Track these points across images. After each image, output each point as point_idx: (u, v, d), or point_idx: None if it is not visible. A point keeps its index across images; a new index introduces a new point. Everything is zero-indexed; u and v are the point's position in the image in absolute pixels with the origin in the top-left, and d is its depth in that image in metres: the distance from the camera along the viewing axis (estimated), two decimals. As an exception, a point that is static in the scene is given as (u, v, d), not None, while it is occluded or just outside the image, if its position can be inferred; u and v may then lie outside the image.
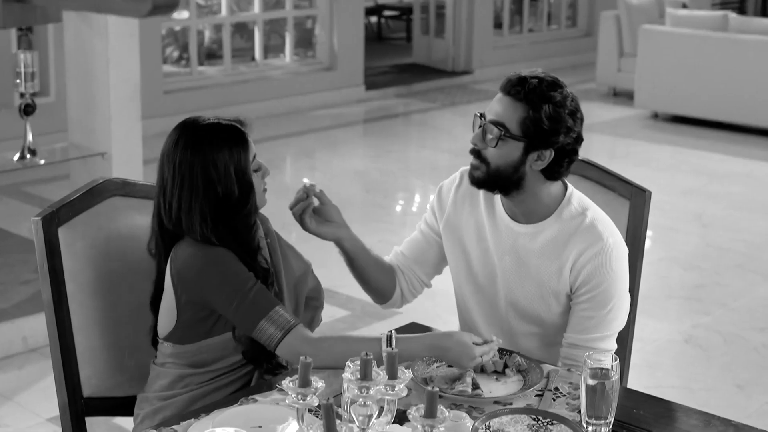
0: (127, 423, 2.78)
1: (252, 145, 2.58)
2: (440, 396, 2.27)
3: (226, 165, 2.51)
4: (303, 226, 2.77)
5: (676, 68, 9.72)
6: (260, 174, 2.60)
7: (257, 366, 2.59)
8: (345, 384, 1.93)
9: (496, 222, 2.77)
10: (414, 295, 2.99)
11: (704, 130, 9.57)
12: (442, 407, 1.88)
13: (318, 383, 1.90)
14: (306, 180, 2.78)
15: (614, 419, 2.22)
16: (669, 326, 5.21)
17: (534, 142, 2.61)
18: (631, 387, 2.75)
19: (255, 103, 9.70)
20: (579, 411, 2.27)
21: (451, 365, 2.52)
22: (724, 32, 9.56)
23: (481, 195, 2.81)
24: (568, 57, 12.87)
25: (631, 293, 2.97)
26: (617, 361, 2.21)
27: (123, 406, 2.83)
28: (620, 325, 2.75)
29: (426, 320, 3.13)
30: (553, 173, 2.67)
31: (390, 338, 2.41)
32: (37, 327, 4.62)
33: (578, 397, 2.34)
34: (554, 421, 2.23)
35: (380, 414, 1.95)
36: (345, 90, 10.63)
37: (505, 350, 2.63)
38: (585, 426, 2.21)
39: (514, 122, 2.61)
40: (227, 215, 2.52)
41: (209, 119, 2.57)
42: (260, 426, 2.23)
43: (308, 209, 2.75)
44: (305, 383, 1.88)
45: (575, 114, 2.63)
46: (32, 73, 4.66)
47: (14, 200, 6.99)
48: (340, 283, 4.63)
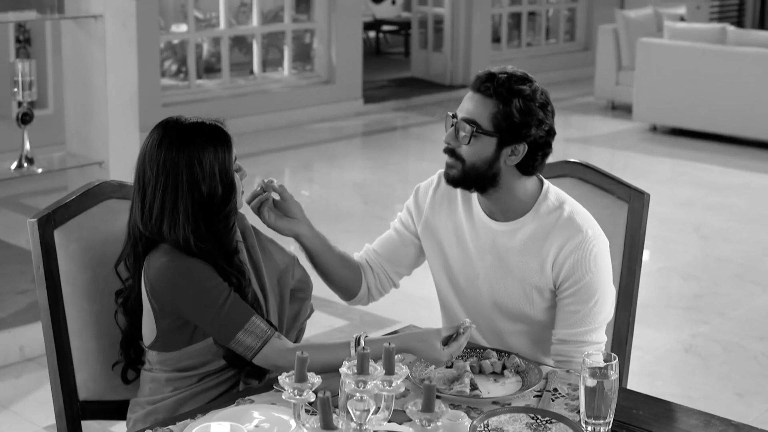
0: (123, 428, 2.76)
1: (232, 145, 2.55)
2: (438, 397, 2.25)
3: (211, 164, 2.47)
4: (262, 220, 2.76)
5: (675, 81, 9.73)
6: (240, 175, 2.57)
7: (240, 369, 2.57)
8: (342, 378, 1.92)
9: (475, 222, 2.77)
10: (381, 294, 2.97)
11: (703, 143, 9.57)
12: (441, 402, 1.86)
13: (314, 378, 1.89)
14: (273, 179, 2.76)
15: (614, 419, 2.21)
16: (668, 335, 5.19)
17: (506, 137, 2.62)
18: (631, 390, 2.74)
19: (253, 117, 9.70)
20: (578, 411, 2.25)
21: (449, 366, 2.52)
22: (723, 45, 9.56)
23: (459, 196, 2.81)
24: (567, 71, 12.89)
25: (629, 298, 2.97)
26: (616, 360, 2.19)
27: (119, 411, 2.80)
28: (607, 317, 2.74)
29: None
30: (528, 168, 2.67)
31: (358, 341, 2.41)
32: (34, 336, 4.61)
33: (577, 398, 2.32)
34: (553, 420, 2.22)
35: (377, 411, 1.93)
36: (343, 103, 10.63)
37: (504, 351, 2.62)
38: (584, 426, 2.20)
39: (485, 118, 2.61)
40: (209, 215, 2.49)
41: (191, 119, 2.54)
42: (257, 426, 2.22)
43: (266, 203, 2.73)
44: (301, 378, 1.86)
45: (546, 107, 2.64)
46: (30, 82, 4.64)
47: (12, 212, 6.98)
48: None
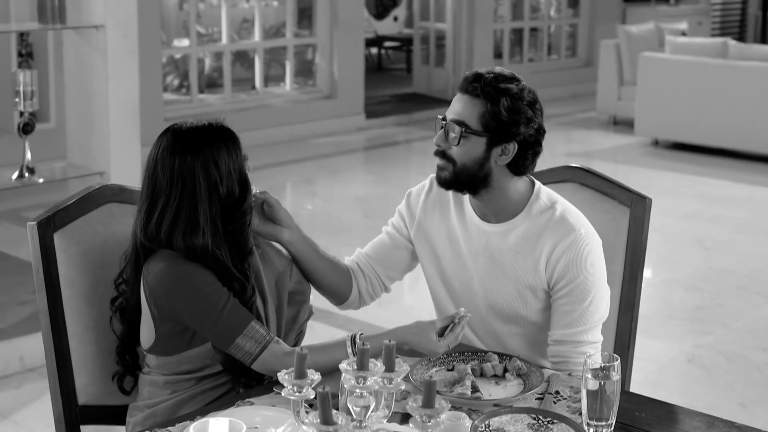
0: (123, 433, 2.76)
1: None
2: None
3: (227, 164, 2.47)
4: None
5: (677, 95, 9.73)
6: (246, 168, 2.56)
7: (236, 377, 2.54)
8: (342, 375, 1.91)
9: (467, 225, 2.77)
10: (372, 298, 2.95)
11: (705, 157, 9.56)
12: (441, 398, 1.85)
13: (314, 375, 1.87)
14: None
15: (616, 421, 2.19)
16: (671, 346, 5.17)
17: (496, 136, 2.62)
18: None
19: (255, 131, 9.70)
20: (580, 413, 2.23)
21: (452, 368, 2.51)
22: (724, 59, 9.56)
23: (451, 200, 2.81)
24: (568, 87, 12.89)
25: (631, 303, 2.95)
26: (618, 361, 2.18)
27: (118, 415, 2.79)
28: (603, 317, 2.73)
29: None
30: (519, 167, 2.68)
31: (354, 340, 2.40)
32: (35, 347, 4.59)
33: (579, 401, 2.31)
34: (555, 420, 2.20)
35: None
36: (345, 118, 10.64)
37: (505, 355, 2.60)
38: (586, 428, 2.18)
39: (474, 118, 2.62)
40: (227, 216, 2.49)
41: (196, 122, 2.53)
42: (257, 427, 2.20)
43: (253, 207, 2.68)
44: (301, 375, 1.84)
45: (534, 105, 2.65)
46: (31, 92, 4.64)
47: (13, 225, 6.97)
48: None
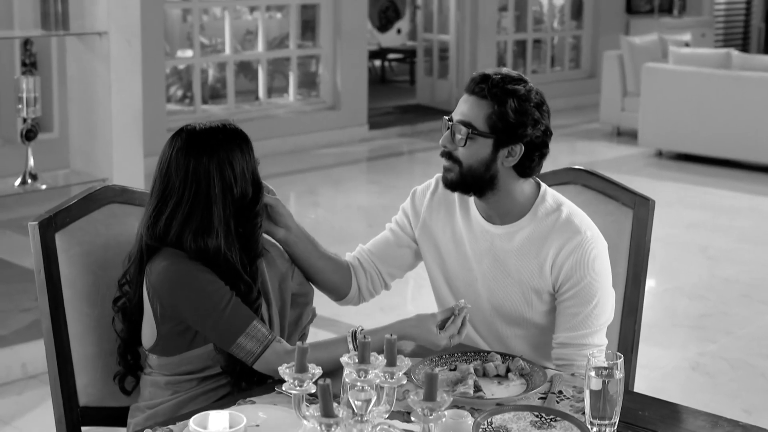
0: (124, 435, 2.75)
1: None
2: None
3: (241, 165, 2.48)
4: None
5: (680, 106, 9.72)
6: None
7: (235, 383, 2.53)
8: (344, 371, 1.90)
9: (472, 226, 2.76)
10: (372, 295, 2.93)
11: (709, 168, 9.54)
12: (443, 392, 1.83)
13: (315, 369, 1.86)
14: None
15: (619, 420, 2.18)
16: (675, 353, 5.16)
17: (502, 138, 2.61)
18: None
19: (258, 142, 9.51)
20: (583, 412, 2.22)
21: (455, 368, 2.50)
22: (728, 70, 9.56)
23: (456, 200, 2.80)
24: (572, 98, 12.88)
25: (635, 305, 2.94)
26: (621, 359, 2.17)
27: (119, 417, 2.77)
28: (608, 320, 2.71)
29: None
30: (525, 169, 2.66)
31: (355, 335, 2.40)
32: (36, 354, 4.58)
33: (582, 400, 2.29)
34: (558, 418, 2.19)
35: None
36: (348, 129, 10.64)
37: (508, 355, 2.59)
38: (589, 427, 2.17)
39: (481, 119, 2.61)
40: (240, 217, 2.49)
41: (208, 124, 2.53)
42: (258, 425, 2.19)
43: None
44: (302, 369, 1.83)
45: (541, 106, 2.64)
46: (34, 98, 4.64)
47: (16, 234, 6.97)
48: (343, 311, 4.59)
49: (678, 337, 5.41)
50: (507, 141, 2.61)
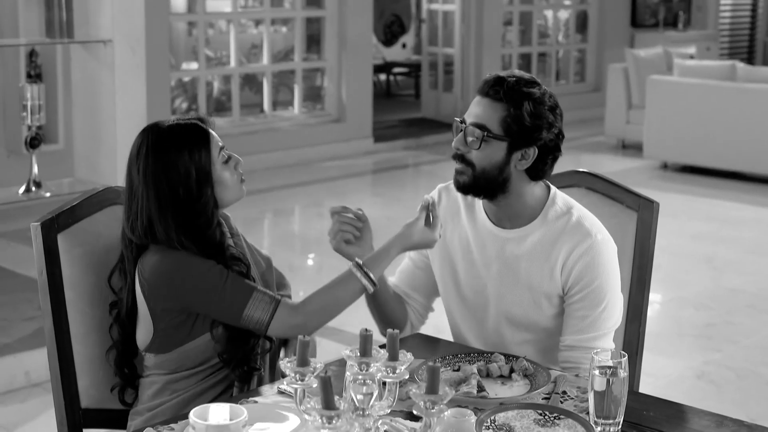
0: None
1: (215, 139, 2.57)
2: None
3: (187, 167, 2.50)
4: (334, 243, 2.70)
5: (685, 118, 9.71)
6: (231, 164, 2.59)
7: (232, 369, 2.54)
8: (347, 370, 1.89)
9: (480, 231, 2.75)
10: (422, 322, 2.95)
11: (714, 180, 9.53)
12: (445, 385, 1.82)
13: (317, 363, 1.85)
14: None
15: (624, 420, 2.16)
16: (680, 362, 5.14)
17: (517, 141, 2.60)
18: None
19: (263, 154, 9.70)
20: (587, 412, 2.20)
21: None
22: (733, 82, 9.55)
23: (462, 208, 2.79)
24: (577, 112, 12.86)
25: (639, 308, 2.93)
26: (626, 358, 2.15)
27: (121, 419, 2.76)
28: (616, 324, 2.70)
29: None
30: (538, 172, 2.65)
31: (361, 266, 2.49)
32: (40, 362, 4.57)
33: (586, 400, 2.28)
34: (561, 416, 2.17)
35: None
36: (353, 142, 10.64)
37: (512, 355, 2.58)
38: (594, 426, 2.15)
39: (495, 122, 2.59)
40: (190, 213, 2.51)
41: (169, 121, 2.57)
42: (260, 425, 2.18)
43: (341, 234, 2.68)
44: (303, 363, 1.82)
45: (555, 110, 2.63)
46: (39, 106, 4.64)
47: (21, 245, 6.97)
48: (346, 321, 4.58)
49: (683, 346, 5.39)
50: (521, 144, 2.60)
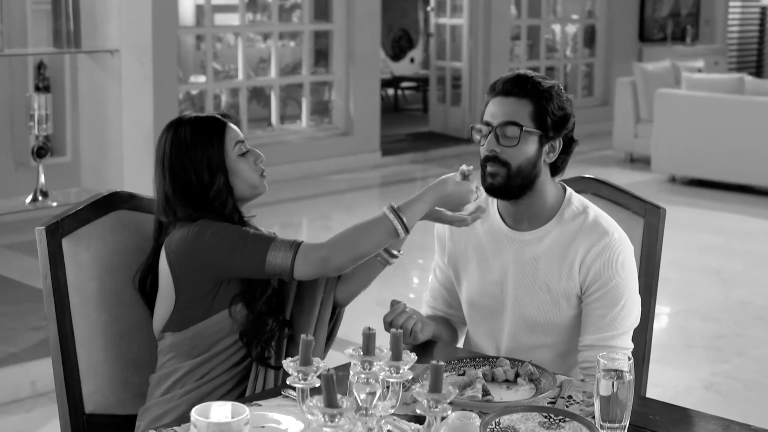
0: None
1: (233, 132, 2.66)
2: (450, 403, 2.20)
3: (200, 155, 2.60)
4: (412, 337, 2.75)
5: (693, 131, 9.69)
6: (250, 158, 2.66)
7: (250, 348, 2.57)
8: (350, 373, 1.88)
9: (495, 236, 2.76)
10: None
11: (722, 193, 9.51)
12: (448, 383, 1.81)
13: (320, 363, 1.84)
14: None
15: (630, 424, 2.15)
16: (688, 374, 5.11)
17: (548, 133, 2.66)
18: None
19: (271, 167, 9.59)
20: (593, 417, 2.19)
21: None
22: (741, 95, 9.54)
23: None
24: (585, 126, 12.83)
25: (646, 314, 2.91)
26: (632, 361, 2.14)
27: (126, 425, 2.75)
28: (634, 322, 2.70)
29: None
30: (558, 167, 2.72)
31: (395, 209, 2.49)
32: (46, 371, 4.54)
33: (592, 405, 2.26)
34: (566, 418, 2.16)
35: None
36: (361, 155, 10.64)
37: (517, 360, 2.56)
38: (599, 429, 2.13)
39: (526, 117, 2.64)
40: (204, 201, 2.61)
41: (190, 115, 2.69)
42: (263, 426, 2.17)
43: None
44: (306, 362, 1.81)
45: (570, 101, 2.71)
46: (46, 116, 4.64)
47: (28, 256, 6.98)
48: (351, 329, 4.57)
49: (692, 358, 5.37)
50: (551, 136, 2.66)
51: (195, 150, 2.60)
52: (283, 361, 1.85)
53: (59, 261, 2.68)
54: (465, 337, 2.96)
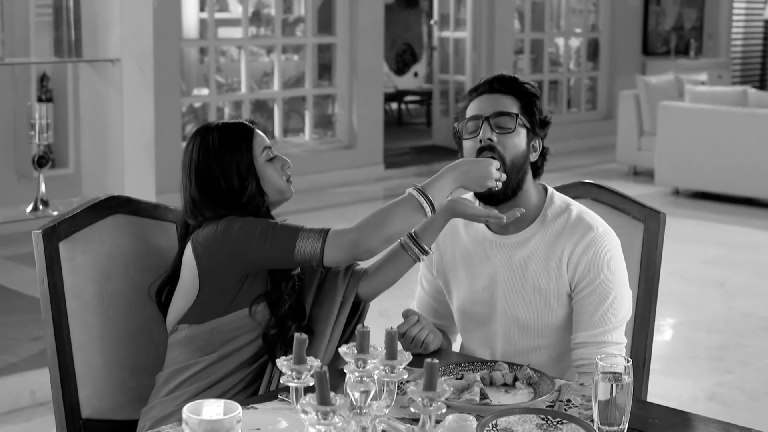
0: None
1: (260, 138, 2.68)
2: (448, 406, 2.19)
3: (228, 161, 2.62)
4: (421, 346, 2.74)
5: (697, 144, 9.67)
6: (277, 164, 2.67)
7: (273, 349, 2.56)
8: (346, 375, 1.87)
9: (481, 243, 2.76)
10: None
11: (725, 205, 9.48)
12: (444, 382, 1.80)
13: (314, 362, 1.82)
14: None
15: (629, 427, 2.13)
16: (692, 384, 5.09)
17: (535, 129, 2.69)
18: None
19: (274, 180, 9.69)
20: (591, 420, 2.17)
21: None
22: (744, 107, 9.52)
23: (460, 224, 2.79)
24: (588, 139, 12.87)
25: (647, 320, 2.90)
26: (630, 363, 2.13)
27: (123, 430, 2.74)
28: (626, 316, 2.69)
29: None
30: (539, 168, 2.73)
31: (419, 188, 2.45)
32: (45, 381, 4.54)
33: (591, 408, 2.25)
34: (564, 420, 2.14)
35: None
36: (364, 168, 10.63)
37: (515, 364, 2.55)
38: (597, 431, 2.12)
39: (516, 111, 2.66)
40: (240, 205, 2.61)
41: (218, 122, 2.70)
42: (258, 428, 2.15)
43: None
44: (300, 360, 1.80)
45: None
46: (47, 125, 4.63)
47: (29, 267, 6.98)
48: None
49: (695, 369, 5.34)
50: (536, 134, 2.69)
51: (223, 155, 2.62)
52: (277, 360, 1.84)
53: (56, 265, 2.67)
54: (459, 347, 2.95)
